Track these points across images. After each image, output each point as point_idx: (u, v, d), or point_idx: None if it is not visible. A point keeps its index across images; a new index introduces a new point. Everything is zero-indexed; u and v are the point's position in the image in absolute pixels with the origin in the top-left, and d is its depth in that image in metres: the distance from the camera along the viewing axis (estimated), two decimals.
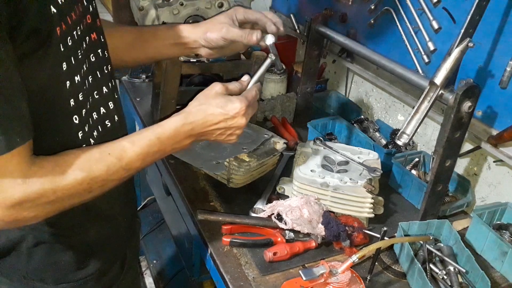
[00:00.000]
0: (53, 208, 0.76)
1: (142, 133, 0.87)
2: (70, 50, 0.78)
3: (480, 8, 1.05)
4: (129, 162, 0.83)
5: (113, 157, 0.81)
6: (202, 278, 1.56)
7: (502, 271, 1.11)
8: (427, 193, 1.15)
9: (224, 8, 1.27)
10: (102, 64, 0.90)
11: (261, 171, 1.33)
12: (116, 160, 0.81)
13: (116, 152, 0.82)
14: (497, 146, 1.24)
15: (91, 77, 0.86)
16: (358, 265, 1.07)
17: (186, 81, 1.76)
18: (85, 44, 0.83)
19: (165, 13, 1.23)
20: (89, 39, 0.85)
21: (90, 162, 0.78)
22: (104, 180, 0.80)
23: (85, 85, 0.84)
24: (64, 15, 0.75)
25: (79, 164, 0.77)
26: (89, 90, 0.85)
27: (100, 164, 0.79)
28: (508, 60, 1.14)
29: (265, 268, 1.05)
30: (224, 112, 0.93)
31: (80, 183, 0.76)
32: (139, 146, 0.84)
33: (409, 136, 1.06)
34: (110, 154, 0.81)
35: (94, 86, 0.87)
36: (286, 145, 1.35)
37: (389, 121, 1.69)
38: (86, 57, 0.84)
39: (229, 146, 1.23)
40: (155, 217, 2.41)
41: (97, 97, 0.88)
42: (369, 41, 1.62)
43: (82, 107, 0.83)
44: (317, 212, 1.11)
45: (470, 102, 1.02)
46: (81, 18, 0.81)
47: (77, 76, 0.81)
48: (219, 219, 1.14)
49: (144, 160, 0.85)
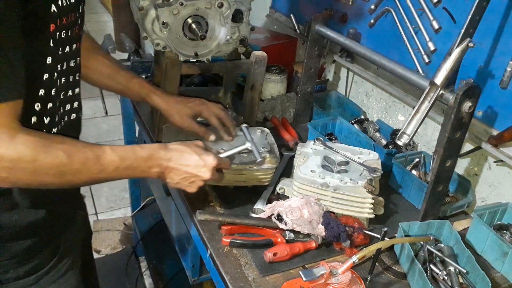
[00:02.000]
0: (24, 177, 0.80)
1: (123, 146, 0.96)
2: (57, 48, 0.86)
3: (480, 8, 1.05)
4: (104, 164, 0.89)
5: (93, 154, 0.87)
6: (202, 278, 1.56)
7: (502, 272, 1.11)
8: (427, 194, 1.15)
9: (224, 8, 1.27)
10: (76, 71, 0.99)
11: (238, 179, 1.25)
12: (94, 158, 0.87)
13: (97, 151, 0.88)
14: (498, 146, 1.24)
15: (64, 79, 0.94)
16: (358, 266, 1.07)
17: (186, 81, 1.77)
18: (69, 49, 0.91)
19: (165, 13, 1.23)
20: (75, 46, 0.94)
21: (73, 149, 0.84)
22: (78, 171, 0.85)
23: (59, 83, 0.92)
24: (60, 16, 0.83)
25: (63, 147, 0.83)
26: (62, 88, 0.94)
27: (81, 154, 0.85)
28: (508, 60, 1.14)
29: (265, 268, 1.05)
30: (199, 158, 1.02)
31: (58, 163, 0.81)
32: (117, 155, 0.90)
33: (409, 136, 1.06)
34: (92, 150, 0.87)
35: (65, 87, 0.95)
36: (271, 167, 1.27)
37: (389, 121, 1.69)
38: (68, 60, 0.93)
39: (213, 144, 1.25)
40: (155, 217, 2.41)
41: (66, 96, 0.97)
42: (369, 41, 1.62)
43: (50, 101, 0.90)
44: (317, 213, 1.11)
45: (470, 102, 1.02)
46: (73, 25, 0.90)
47: (56, 72, 0.89)
48: (219, 219, 1.14)
49: (116, 169, 0.91)
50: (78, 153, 0.84)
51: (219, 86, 1.69)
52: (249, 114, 1.50)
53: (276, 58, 1.82)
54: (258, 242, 1.11)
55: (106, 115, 3.98)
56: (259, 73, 1.42)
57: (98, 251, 2.66)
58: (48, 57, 0.85)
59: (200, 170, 1.03)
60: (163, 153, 0.99)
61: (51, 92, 0.89)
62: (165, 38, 1.27)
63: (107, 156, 0.89)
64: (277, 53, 1.87)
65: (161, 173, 1.01)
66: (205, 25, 1.28)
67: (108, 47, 1.81)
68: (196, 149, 1.04)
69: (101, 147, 0.89)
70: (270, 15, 2.30)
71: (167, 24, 1.24)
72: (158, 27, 1.26)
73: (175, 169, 1.01)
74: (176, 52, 1.30)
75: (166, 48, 1.29)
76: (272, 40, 1.97)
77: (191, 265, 1.50)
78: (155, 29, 1.27)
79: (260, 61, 1.40)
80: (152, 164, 0.98)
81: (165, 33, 1.26)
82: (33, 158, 0.78)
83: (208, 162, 1.03)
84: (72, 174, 0.85)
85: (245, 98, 1.48)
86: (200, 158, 1.02)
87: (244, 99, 1.49)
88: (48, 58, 0.85)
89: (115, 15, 4.87)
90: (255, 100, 1.47)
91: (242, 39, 1.34)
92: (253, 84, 1.43)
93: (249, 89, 1.44)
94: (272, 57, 1.49)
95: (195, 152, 1.03)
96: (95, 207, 3.00)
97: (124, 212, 2.95)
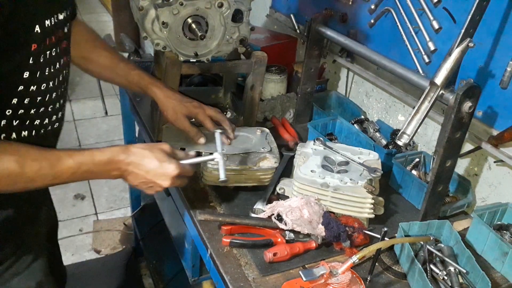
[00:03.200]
0: None
1: (82, 151, 0.95)
2: (40, 66, 0.89)
3: (480, 8, 1.05)
4: (60, 172, 0.90)
5: (47, 163, 0.88)
6: (202, 278, 1.56)
7: (502, 272, 1.11)
8: (427, 194, 1.15)
9: (224, 8, 1.27)
10: (64, 83, 1.01)
11: (238, 179, 1.26)
12: (49, 166, 0.88)
13: (52, 159, 0.89)
14: (498, 147, 1.24)
15: (55, 93, 0.96)
16: (358, 266, 1.07)
17: (186, 81, 1.77)
18: (58, 64, 0.93)
19: (165, 13, 1.23)
20: (63, 61, 0.95)
21: (27, 159, 0.85)
22: (31, 179, 0.87)
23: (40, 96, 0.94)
24: (44, 37, 0.86)
25: (15, 157, 0.84)
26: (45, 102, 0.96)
27: (34, 164, 0.86)
28: (508, 60, 1.14)
29: (265, 268, 1.05)
30: (159, 166, 0.99)
31: (9, 173, 0.83)
32: (74, 161, 0.91)
33: (409, 136, 1.06)
34: (46, 158, 0.88)
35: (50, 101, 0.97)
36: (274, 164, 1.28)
37: (389, 121, 1.69)
38: (57, 75, 0.94)
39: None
40: (154, 218, 2.40)
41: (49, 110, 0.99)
42: (369, 41, 1.62)
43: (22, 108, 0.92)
44: (317, 213, 1.11)
45: (470, 102, 1.02)
46: (59, 42, 0.92)
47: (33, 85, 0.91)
48: (219, 219, 1.14)
49: (73, 174, 0.92)
50: (31, 163, 0.86)
51: (219, 86, 1.69)
52: (249, 114, 1.50)
53: (276, 58, 1.82)
54: (258, 242, 1.11)
55: (106, 115, 3.99)
56: (259, 73, 1.42)
57: (98, 251, 2.66)
58: (26, 72, 0.87)
59: (159, 178, 1.00)
60: (123, 157, 0.98)
61: (24, 101, 0.91)
62: (165, 38, 1.27)
63: (63, 163, 0.90)
64: (277, 53, 1.87)
65: (121, 175, 1.00)
66: (205, 25, 1.29)
67: None
68: (159, 155, 1.00)
69: (57, 154, 0.90)
70: (270, 15, 2.30)
71: (167, 24, 1.24)
72: (158, 27, 1.26)
73: (133, 173, 1.00)
74: (176, 52, 1.30)
75: (166, 48, 1.29)
76: (272, 40, 1.97)
77: (191, 265, 1.50)
78: (155, 29, 1.27)
79: (260, 61, 1.40)
80: (111, 168, 0.98)
81: (165, 33, 1.26)
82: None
83: (168, 171, 1.00)
84: (25, 182, 0.86)
85: (245, 98, 1.48)
86: (160, 165, 0.99)
87: (244, 99, 1.49)
88: (25, 72, 0.87)
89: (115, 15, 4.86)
90: (255, 100, 1.47)
91: (242, 39, 1.34)
92: (253, 84, 1.43)
93: (249, 89, 1.44)
94: (272, 57, 1.49)
95: (156, 158, 1.00)
96: (95, 207, 3.00)
97: (124, 212, 2.95)
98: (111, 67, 1.28)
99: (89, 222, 2.87)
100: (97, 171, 0.96)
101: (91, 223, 2.86)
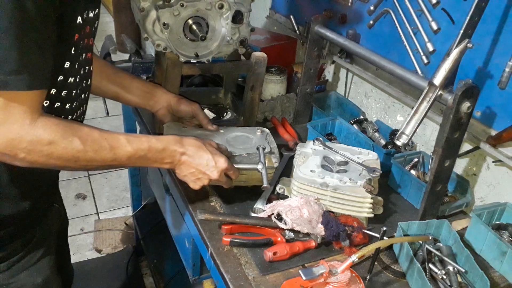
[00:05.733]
0: (40, 159, 0.85)
1: (139, 137, 0.99)
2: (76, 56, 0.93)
3: (479, 9, 1.06)
4: (118, 154, 0.94)
5: (108, 144, 0.92)
6: (202, 277, 1.56)
7: (501, 271, 1.12)
8: (426, 193, 1.16)
9: (224, 9, 1.28)
10: (88, 77, 1.05)
11: (238, 179, 1.22)
12: (108, 147, 0.92)
13: (112, 141, 0.93)
14: (496, 147, 1.24)
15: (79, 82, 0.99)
16: (357, 265, 1.08)
17: (186, 81, 1.77)
18: (82, 57, 0.97)
19: (166, 14, 1.23)
20: (86, 56, 0.99)
21: (89, 137, 0.89)
22: (91, 158, 0.90)
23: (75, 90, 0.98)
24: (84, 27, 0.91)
25: (80, 135, 0.88)
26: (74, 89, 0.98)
27: (95, 143, 0.90)
28: (507, 60, 1.14)
29: (265, 267, 1.06)
30: (211, 158, 1.07)
31: (73, 149, 0.87)
32: (131, 146, 0.96)
33: (408, 136, 1.06)
34: (107, 140, 0.92)
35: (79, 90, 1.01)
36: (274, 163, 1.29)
37: (388, 121, 1.70)
38: (82, 68, 0.98)
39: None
40: (155, 217, 2.41)
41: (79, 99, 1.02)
42: (368, 42, 1.63)
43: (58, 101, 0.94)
44: (317, 212, 1.12)
45: (469, 102, 1.03)
46: (88, 36, 0.96)
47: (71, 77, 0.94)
48: (219, 219, 1.14)
49: (129, 159, 0.96)
50: (92, 142, 0.89)
51: (220, 87, 1.70)
52: (249, 115, 1.50)
53: (276, 59, 1.82)
54: (258, 241, 1.11)
55: (107, 115, 3.98)
56: (259, 74, 1.43)
57: (99, 250, 2.67)
58: (67, 62, 0.90)
59: (210, 169, 1.07)
60: (178, 146, 1.03)
61: (61, 93, 0.94)
62: (166, 39, 1.28)
63: (121, 147, 0.94)
64: (277, 54, 1.88)
65: (173, 164, 1.05)
66: (205, 26, 1.29)
67: (109, 48, 1.81)
68: (210, 148, 1.09)
69: (117, 137, 0.94)
70: (270, 16, 2.31)
71: (168, 25, 1.25)
72: (159, 28, 1.26)
73: (186, 163, 1.06)
74: (177, 53, 1.31)
75: (167, 49, 1.30)
76: (272, 41, 1.98)
77: (191, 264, 1.50)
78: (156, 30, 1.27)
79: (260, 62, 1.41)
80: (165, 156, 1.02)
81: (166, 34, 1.27)
82: (50, 141, 0.83)
83: (219, 163, 1.08)
84: (86, 160, 0.89)
85: (245, 98, 1.48)
86: (212, 157, 1.07)
87: (244, 99, 1.49)
88: (66, 62, 0.90)
89: (116, 16, 4.87)
90: (255, 100, 1.47)
91: (242, 40, 1.35)
92: (253, 85, 1.44)
93: (249, 90, 1.45)
94: (272, 57, 1.50)
95: (209, 151, 1.07)
96: (97, 206, 3.01)
97: (125, 211, 2.96)
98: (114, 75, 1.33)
99: (90, 222, 2.88)
100: (152, 158, 1.00)
101: (92, 223, 2.87)
